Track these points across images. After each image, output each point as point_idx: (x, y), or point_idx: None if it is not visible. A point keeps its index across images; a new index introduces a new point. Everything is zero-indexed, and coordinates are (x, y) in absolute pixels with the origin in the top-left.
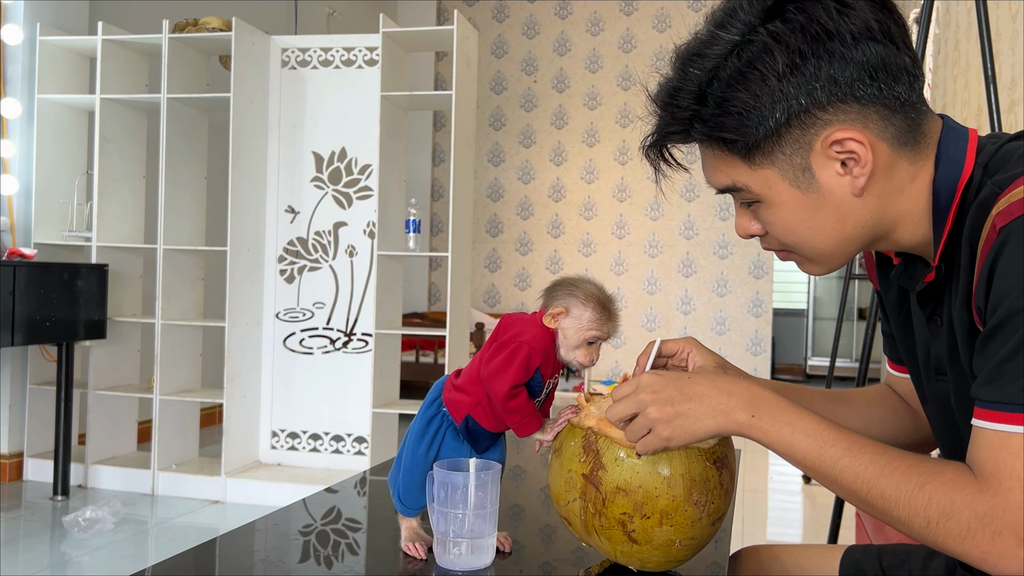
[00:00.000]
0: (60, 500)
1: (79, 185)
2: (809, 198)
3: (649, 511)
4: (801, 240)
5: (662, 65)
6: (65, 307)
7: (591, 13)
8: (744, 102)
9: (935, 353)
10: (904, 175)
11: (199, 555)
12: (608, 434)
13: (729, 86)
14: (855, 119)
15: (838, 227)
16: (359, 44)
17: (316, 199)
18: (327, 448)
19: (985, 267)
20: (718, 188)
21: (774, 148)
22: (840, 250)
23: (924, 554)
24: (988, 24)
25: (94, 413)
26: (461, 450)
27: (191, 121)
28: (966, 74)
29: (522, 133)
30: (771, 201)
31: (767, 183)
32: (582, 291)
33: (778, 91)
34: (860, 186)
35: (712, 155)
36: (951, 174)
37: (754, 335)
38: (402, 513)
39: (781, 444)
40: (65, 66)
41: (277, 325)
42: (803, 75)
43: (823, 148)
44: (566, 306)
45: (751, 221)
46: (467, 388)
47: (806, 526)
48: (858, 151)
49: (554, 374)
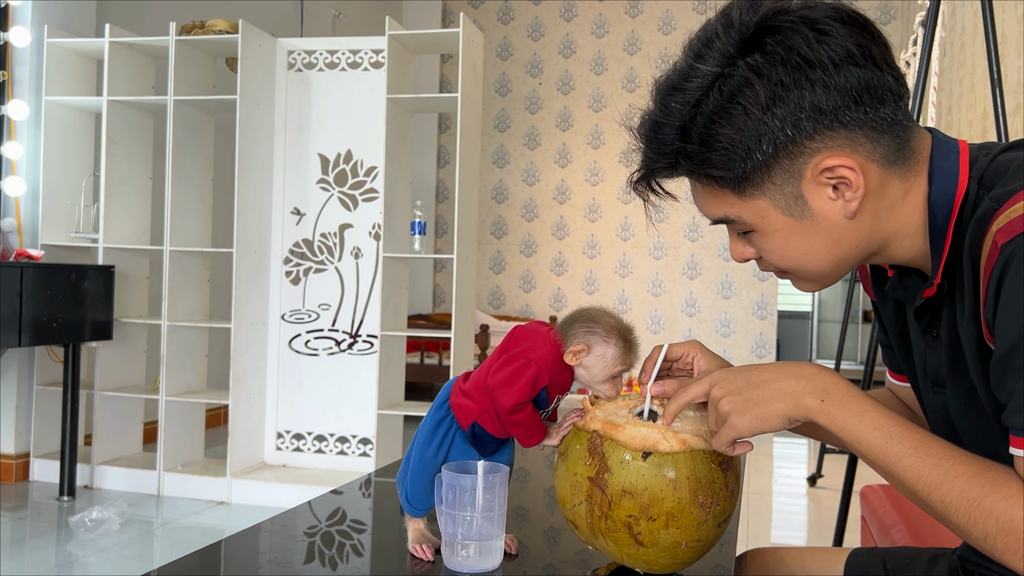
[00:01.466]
0: (66, 500)
1: (86, 187)
2: (803, 225)
3: (655, 513)
4: (796, 265)
5: (667, 67)
6: (72, 308)
7: (596, 15)
8: (729, 137)
9: (932, 365)
10: (896, 193)
11: (205, 557)
12: (613, 437)
13: (712, 121)
14: (843, 144)
15: (834, 250)
16: (365, 46)
17: (322, 201)
18: (332, 450)
19: (991, 285)
20: (712, 220)
21: (764, 179)
22: (836, 271)
23: (928, 558)
24: (994, 26)
25: (100, 414)
26: (470, 452)
27: (197, 123)
28: (972, 76)
29: (527, 135)
30: (765, 230)
31: (759, 213)
32: (603, 327)
33: (762, 124)
34: (853, 209)
35: (702, 188)
36: (947, 189)
37: (759, 337)
38: (409, 514)
39: (848, 433)
40: (72, 68)
41: (283, 326)
42: (787, 106)
43: (813, 176)
44: (587, 344)
45: (746, 247)
46: (474, 395)
47: (811, 529)
48: (849, 176)
49: (563, 392)
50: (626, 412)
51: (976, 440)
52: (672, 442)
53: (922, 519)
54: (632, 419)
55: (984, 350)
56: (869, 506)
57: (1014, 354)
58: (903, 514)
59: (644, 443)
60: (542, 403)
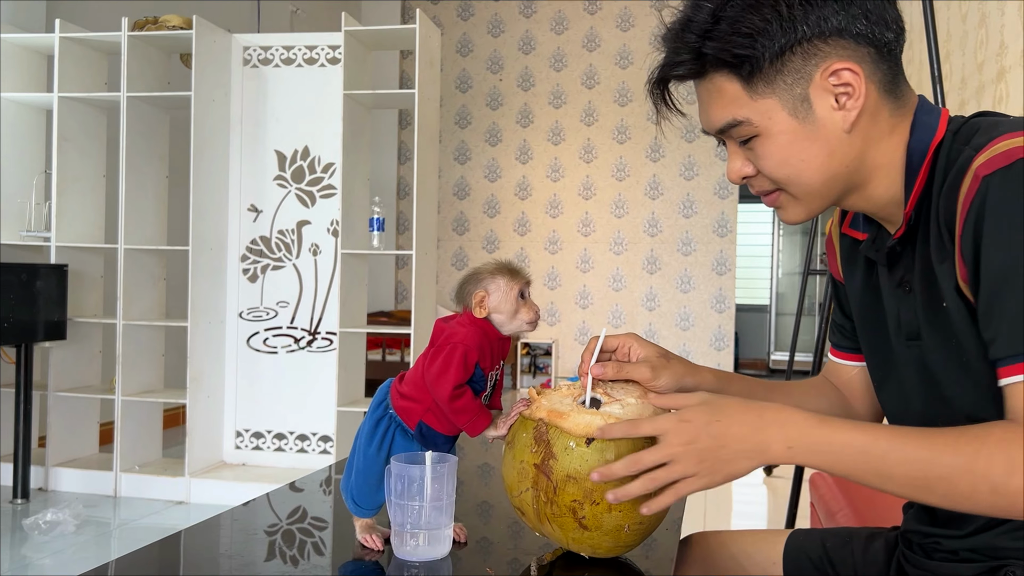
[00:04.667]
0: (20, 503)
1: (37, 184)
2: (805, 128)
3: (598, 497)
4: (793, 172)
5: (626, 64)
6: (24, 308)
7: (556, 12)
8: (755, 24)
9: (906, 319)
10: (885, 124)
11: (163, 550)
12: (558, 424)
13: (744, 8)
14: (851, 55)
15: (828, 162)
16: (321, 42)
17: (279, 198)
18: (292, 447)
19: (970, 216)
20: (717, 127)
21: (776, 76)
22: (825, 189)
23: (865, 536)
24: (935, 24)
25: (54, 415)
26: (411, 448)
27: (152, 120)
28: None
29: (488, 131)
30: (769, 131)
31: (767, 113)
32: (484, 271)
33: (788, 17)
34: (851, 121)
35: (714, 90)
36: (924, 138)
37: (717, 330)
38: (357, 515)
39: (824, 466)
40: (22, 64)
41: (241, 324)
42: (812, 5)
43: (822, 79)
44: (482, 289)
45: (744, 163)
46: (414, 395)
47: (769, 517)
48: (853, 83)
49: (494, 366)
50: (571, 401)
51: (955, 385)
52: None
53: (866, 502)
54: (576, 407)
55: (960, 293)
56: (817, 492)
57: (998, 284)
58: (848, 498)
59: (587, 430)
60: (479, 383)
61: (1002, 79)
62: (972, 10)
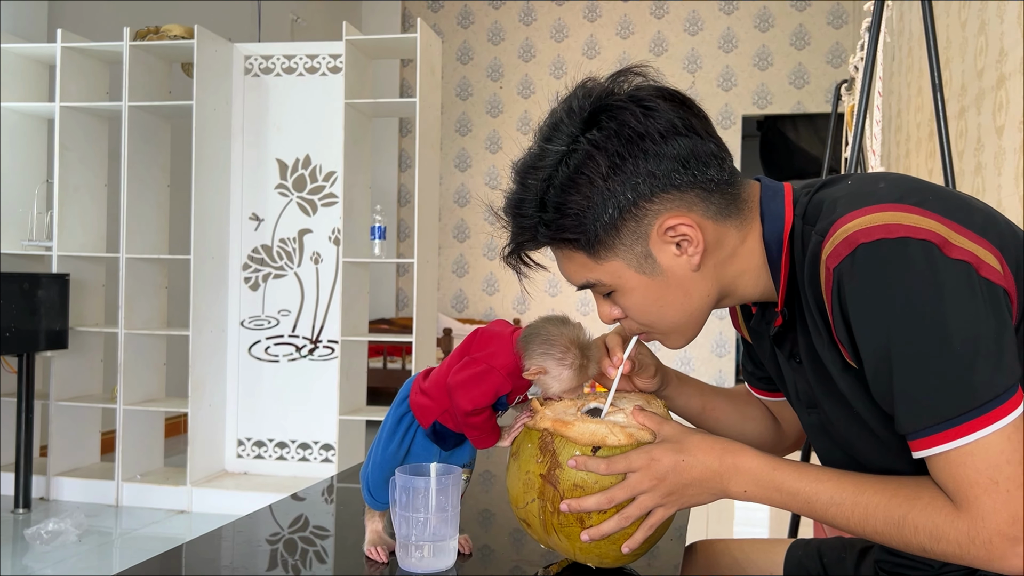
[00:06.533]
0: (22, 513)
1: (39, 194)
2: (655, 280)
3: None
4: (656, 318)
5: (622, 68)
6: (25, 317)
7: (555, 20)
8: (578, 203)
9: (802, 389)
10: (734, 241)
11: (165, 562)
12: (564, 434)
13: (563, 191)
14: (679, 205)
15: (686, 301)
16: (323, 51)
17: (280, 206)
18: (294, 456)
19: (835, 308)
20: (577, 285)
21: (615, 241)
22: (693, 320)
23: (859, 549)
24: (935, 31)
25: (56, 424)
26: (431, 448)
27: (153, 129)
28: (919, 80)
29: (488, 138)
30: (623, 288)
31: (616, 274)
32: (559, 349)
33: (605, 190)
34: (696, 263)
35: (564, 257)
36: (776, 227)
37: (719, 337)
38: (371, 507)
39: (775, 505)
40: (24, 74)
41: (242, 333)
42: (625, 173)
43: (659, 235)
44: (543, 366)
45: (612, 307)
46: (433, 394)
47: (772, 525)
48: (688, 233)
49: (523, 397)
50: (575, 410)
51: (861, 448)
52: (620, 436)
53: None
54: (581, 416)
55: (848, 369)
56: None
57: (881, 366)
58: None
59: (593, 438)
60: (500, 406)
61: (1002, 86)
62: (972, 17)
